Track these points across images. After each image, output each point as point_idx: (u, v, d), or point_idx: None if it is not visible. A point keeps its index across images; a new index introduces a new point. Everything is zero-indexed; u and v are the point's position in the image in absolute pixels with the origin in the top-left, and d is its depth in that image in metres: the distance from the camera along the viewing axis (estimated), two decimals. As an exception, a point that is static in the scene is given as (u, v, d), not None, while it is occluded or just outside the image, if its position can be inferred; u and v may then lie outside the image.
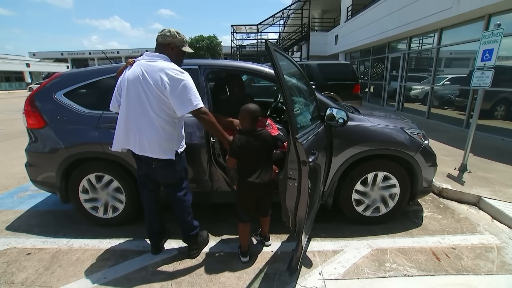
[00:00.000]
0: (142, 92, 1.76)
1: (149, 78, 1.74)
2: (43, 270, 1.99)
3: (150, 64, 1.79)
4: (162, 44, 1.88)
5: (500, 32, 3.08)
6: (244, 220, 2.00)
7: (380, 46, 11.17)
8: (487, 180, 3.38)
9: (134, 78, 1.78)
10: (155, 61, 1.81)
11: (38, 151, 2.42)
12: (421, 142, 2.50)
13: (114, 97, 1.91)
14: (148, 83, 1.74)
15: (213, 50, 35.71)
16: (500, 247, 2.24)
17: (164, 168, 1.90)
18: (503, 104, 5.92)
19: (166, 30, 1.89)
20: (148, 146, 1.80)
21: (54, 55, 49.04)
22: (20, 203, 3.08)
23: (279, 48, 1.90)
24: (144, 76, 1.75)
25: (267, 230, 2.24)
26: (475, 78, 3.43)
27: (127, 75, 1.82)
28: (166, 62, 1.83)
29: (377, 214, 2.55)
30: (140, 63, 1.82)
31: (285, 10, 16.21)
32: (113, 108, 1.94)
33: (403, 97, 9.52)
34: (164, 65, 1.77)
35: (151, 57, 1.84)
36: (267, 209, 2.11)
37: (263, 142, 1.91)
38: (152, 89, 1.74)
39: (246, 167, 1.91)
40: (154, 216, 2.11)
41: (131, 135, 1.83)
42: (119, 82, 1.88)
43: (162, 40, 1.87)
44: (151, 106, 1.76)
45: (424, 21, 7.33)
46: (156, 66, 1.77)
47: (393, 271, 1.96)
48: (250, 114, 1.90)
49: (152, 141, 1.79)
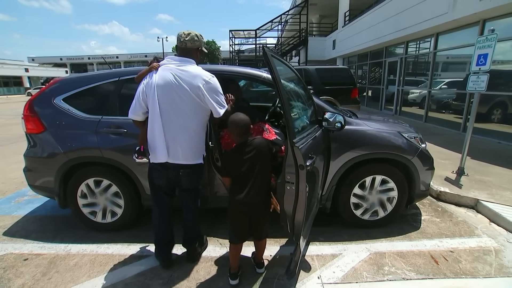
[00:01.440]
0: (176, 97, 1.74)
1: (184, 83, 1.74)
2: (40, 275, 1.98)
3: (183, 69, 1.77)
4: (192, 48, 1.86)
5: (494, 37, 3.13)
6: (234, 241, 1.84)
7: (377, 51, 11.28)
8: (484, 183, 3.40)
9: (166, 83, 1.74)
10: (186, 65, 1.80)
11: (36, 156, 2.42)
12: (418, 145, 2.52)
13: (137, 104, 1.82)
14: (183, 88, 1.73)
15: (211, 55, 35.90)
16: (498, 250, 2.25)
17: (192, 174, 1.89)
18: (499, 108, 5.98)
19: (193, 34, 1.85)
20: (181, 153, 1.80)
21: (53, 60, 49.20)
22: (18, 208, 3.07)
23: (276, 54, 1.92)
24: (178, 82, 1.73)
25: (262, 255, 1.98)
26: (470, 82, 3.47)
27: (156, 80, 1.75)
28: (197, 66, 1.85)
29: (375, 217, 2.55)
30: (168, 68, 1.78)
31: (283, 15, 16.38)
32: (136, 116, 1.85)
33: (401, 101, 9.59)
34: (198, 71, 1.80)
35: (179, 61, 1.81)
36: (262, 232, 1.86)
37: (257, 151, 1.72)
38: (188, 93, 1.74)
39: (236, 184, 1.74)
40: (168, 223, 2.02)
41: (165, 143, 1.78)
42: (144, 88, 1.80)
43: (192, 45, 1.85)
44: (185, 111, 1.76)
45: (420, 26, 7.43)
46: (190, 71, 1.77)
47: (391, 275, 1.96)
48: (238, 126, 1.71)
49: (185, 146, 1.80)
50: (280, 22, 16.68)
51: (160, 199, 1.99)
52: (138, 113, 1.84)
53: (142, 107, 1.81)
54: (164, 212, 2.00)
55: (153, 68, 1.82)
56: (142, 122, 1.88)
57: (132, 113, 1.85)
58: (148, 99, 1.78)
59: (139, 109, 1.82)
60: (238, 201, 1.71)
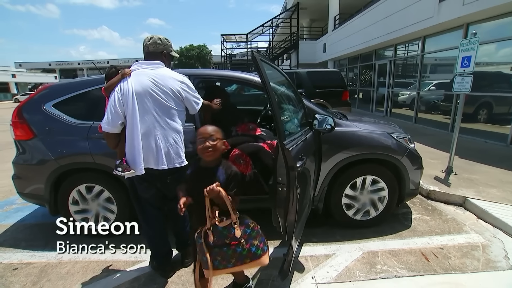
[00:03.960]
0: (158, 100, 1.73)
1: (163, 86, 1.75)
2: (30, 285, 1.94)
3: (158, 72, 1.78)
4: (155, 52, 1.86)
5: (476, 40, 3.24)
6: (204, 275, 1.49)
7: (367, 54, 11.49)
8: (472, 181, 3.50)
9: (146, 88, 1.72)
10: (159, 68, 1.82)
11: (26, 163, 2.38)
12: (407, 146, 2.58)
13: (114, 115, 1.69)
14: (163, 90, 1.74)
15: (203, 59, 35.88)
16: (485, 245, 2.31)
17: (181, 178, 1.81)
18: (485, 108, 6.17)
19: (155, 38, 1.87)
20: (174, 155, 1.78)
21: (42, 66, 48.26)
22: (6, 217, 3.00)
23: (265, 58, 1.96)
24: (157, 84, 1.74)
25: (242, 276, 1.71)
26: (456, 84, 3.59)
27: (133, 87, 1.70)
28: (167, 68, 1.87)
29: (367, 217, 2.60)
30: (143, 73, 1.76)
31: (274, 20, 16.58)
32: (113, 128, 1.72)
33: (391, 102, 9.78)
34: (170, 72, 1.83)
35: (151, 65, 1.82)
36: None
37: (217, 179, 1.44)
38: (168, 95, 1.75)
39: (195, 214, 1.50)
40: (164, 235, 1.97)
41: (150, 150, 1.72)
42: (119, 97, 1.70)
43: (154, 49, 1.86)
44: (169, 112, 1.77)
45: (408, 29, 7.63)
46: (164, 73, 1.79)
47: (384, 273, 2.00)
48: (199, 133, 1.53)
49: (175, 147, 1.79)
50: (271, 26, 16.88)
51: (151, 213, 1.91)
52: (116, 124, 1.71)
53: (120, 117, 1.70)
54: (157, 225, 1.93)
55: (125, 75, 1.75)
56: (117, 134, 1.77)
57: (109, 125, 1.71)
58: (126, 108, 1.69)
59: (116, 119, 1.70)
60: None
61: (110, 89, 1.78)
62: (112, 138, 1.79)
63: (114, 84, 1.76)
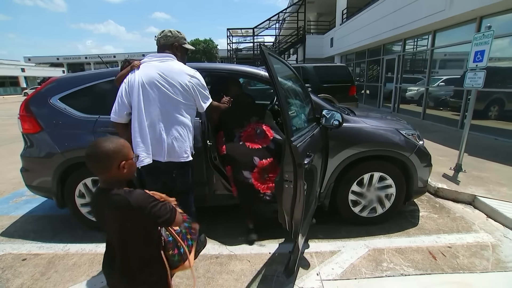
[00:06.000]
0: (164, 92, 1.71)
1: (170, 78, 1.72)
2: (39, 275, 1.97)
3: (167, 64, 1.77)
4: (166, 45, 1.86)
5: (490, 33, 3.13)
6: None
7: (375, 48, 11.28)
8: (481, 179, 3.42)
9: (151, 80, 1.71)
10: (168, 61, 1.79)
11: (33, 156, 2.41)
12: (416, 142, 2.53)
13: (121, 105, 1.74)
14: (170, 83, 1.72)
15: (209, 54, 35.78)
16: (495, 245, 2.27)
17: (185, 174, 1.85)
18: (496, 105, 6.00)
19: (166, 31, 1.87)
20: (178, 149, 1.75)
21: (50, 60, 48.81)
22: (16, 209, 3.06)
23: (273, 52, 1.92)
24: (164, 77, 1.72)
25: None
26: (467, 79, 3.48)
27: (139, 78, 1.71)
28: (178, 62, 1.83)
29: (373, 214, 2.56)
30: (152, 65, 1.76)
31: (281, 14, 16.34)
32: (120, 118, 1.76)
33: (399, 98, 9.61)
34: (180, 66, 1.80)
35: (161, 57, 1.80)
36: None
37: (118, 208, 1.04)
38: (176, 88, 1.73)
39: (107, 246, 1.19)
40: None
41: (157, 142, 1.72)
42: (126, 88, 1.73)
43: (165, 42, 1.85)
44: (175, 105, 1.74)
45: (418, 23, 7.43)
46: (173, 66, 1.77)
47: (390, 271, 1.98)
48: (89, 160, 1.08)
49: (180, 141, 1.76)
50: (278, 20, 16.65)
51: None
52: (122, 115, 1.75)
53: (126, 107, 1.74)
54: None
55: (134, 67, 1.78)
56: (125, 125, 1.79)
57: (116, 115, 1.76)
58: (132, 98, 1.71)
59: (123, 109, 1.74)
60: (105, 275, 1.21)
61: (120, 80, 1.82)
62: (120, 128, 1.81)
63: (123, 75, 1.81)
